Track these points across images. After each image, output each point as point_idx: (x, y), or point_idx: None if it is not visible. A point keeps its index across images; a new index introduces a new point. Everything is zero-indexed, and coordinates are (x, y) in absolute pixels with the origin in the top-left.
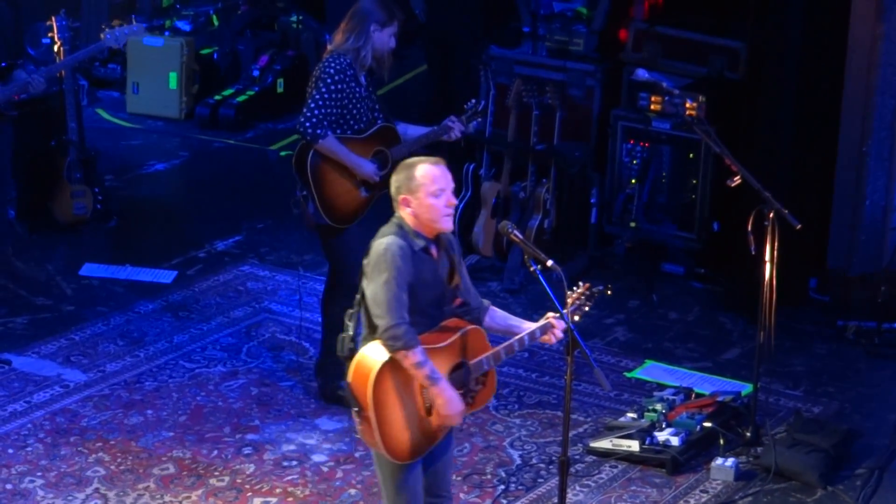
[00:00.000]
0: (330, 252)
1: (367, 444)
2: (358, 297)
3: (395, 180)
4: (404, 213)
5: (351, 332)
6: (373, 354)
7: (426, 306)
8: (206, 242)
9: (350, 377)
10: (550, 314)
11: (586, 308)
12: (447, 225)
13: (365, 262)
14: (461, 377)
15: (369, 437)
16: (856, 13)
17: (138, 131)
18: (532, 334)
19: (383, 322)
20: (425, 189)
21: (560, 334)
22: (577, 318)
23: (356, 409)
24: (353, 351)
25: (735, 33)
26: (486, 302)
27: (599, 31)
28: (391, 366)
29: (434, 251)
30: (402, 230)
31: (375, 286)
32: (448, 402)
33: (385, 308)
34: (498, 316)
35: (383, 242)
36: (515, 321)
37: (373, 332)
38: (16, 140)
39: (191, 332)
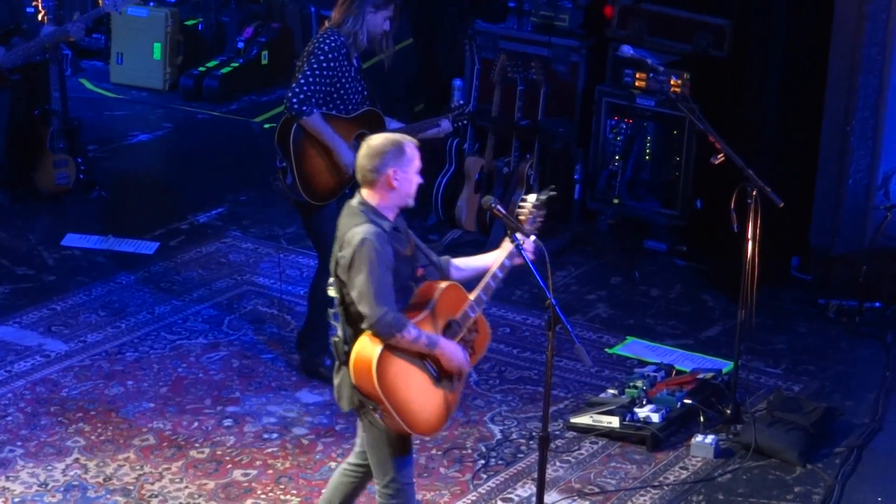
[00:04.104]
0: (310, 231)
1: (394, 431)
2: (336, 297)
3: (381, 156)
4: (377, 192)
5: (341, 334)
6: (366, 349)
7: (406, 281)
8: (188, 214)
9: (354, 379)
10: (507, 240)
11: (541, 220)
12: (414, 201)
13: (340, 255)
14: (454, 333)
15: (394, 427)
16: None
17: (122, 102)
18: (502, 266)
19: (371, 314)
20: (414, 165)
21: (530, 254)
22: (532, 231)
23: (372, 406)
24: (348, 354)
25: (720, 11)
26: (444, 258)
27: (585, 7)
28: (387, 353)
29: (399, 227)
30: (369, 215)
31: (359, 282)
32: (452, 355)
33: (372, 299)
34: (461, 265)
35: (358, 233)
36: (479, 261)
37: (354, 331)
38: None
39: (172, 304)
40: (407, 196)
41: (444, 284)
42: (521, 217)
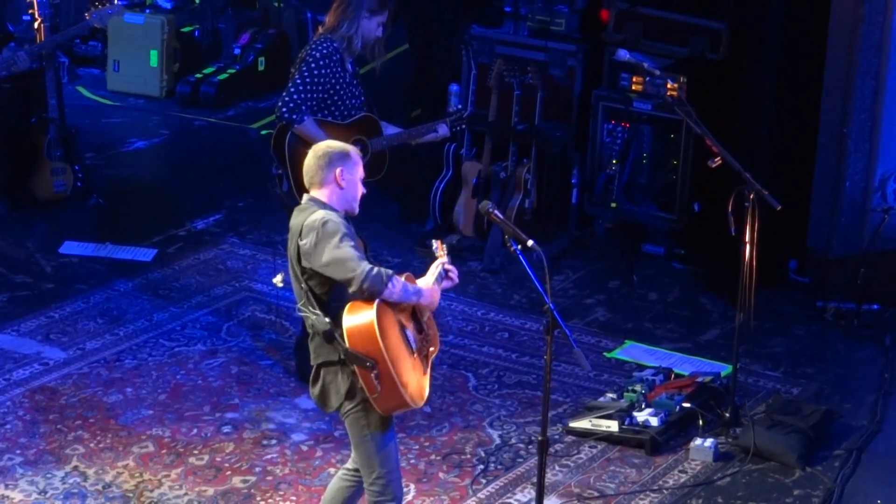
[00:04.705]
0: None
1: (378, 407)
2: (303, 287)
3: (328, 157)
4: (325, 190)
5: (317, 311)
6: (359, 313)
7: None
8: (186, 221)
9: (349, 342)
10: (435, 262)
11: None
12: (358, 208)
13: (302, 242)
14: (418, 319)
15: (389, 392)
16: None
17: (119, 109)
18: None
19: (358, 272)
20: (358, 170)
21: (455, 278)
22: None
23: (369, 364)
24: (330, 324)
25: (717, 14)
26: None
27: (581, 11)
28: (381, 307)
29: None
30: (321, 206)
31: (330, 252)
32: (434, 294)
33: (353, 261)
34: None
35: (318, 217)
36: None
37: (328, 312)
38: None
39: (171, 311)
40: (353, 200)
41: (405, 274)
42: (442, 256)
